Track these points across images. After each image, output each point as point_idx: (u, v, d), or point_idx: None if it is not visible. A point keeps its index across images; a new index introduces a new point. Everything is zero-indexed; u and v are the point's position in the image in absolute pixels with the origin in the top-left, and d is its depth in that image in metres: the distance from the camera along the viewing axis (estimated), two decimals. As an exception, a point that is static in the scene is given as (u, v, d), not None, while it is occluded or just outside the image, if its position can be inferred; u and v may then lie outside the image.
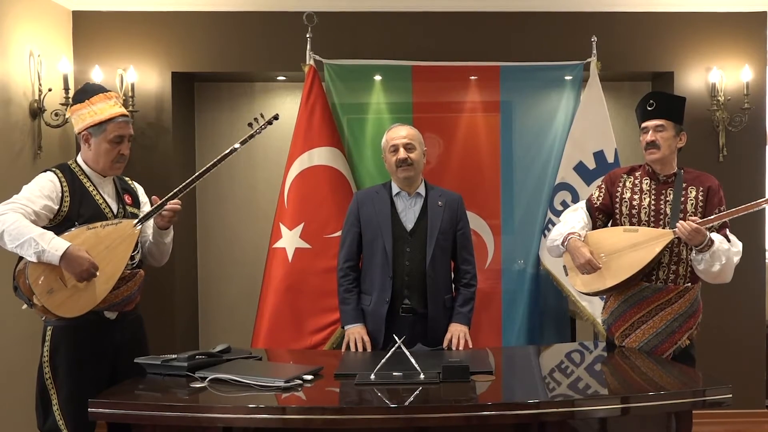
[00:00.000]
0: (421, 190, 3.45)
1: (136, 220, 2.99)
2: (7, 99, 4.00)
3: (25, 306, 2.79)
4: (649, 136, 3.21)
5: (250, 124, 3.24)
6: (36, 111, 4.22)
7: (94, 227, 2.84)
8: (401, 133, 3.40)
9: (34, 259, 2.68)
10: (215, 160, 3.12)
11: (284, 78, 5.16)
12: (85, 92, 2.98)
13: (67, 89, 4.29)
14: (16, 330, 3.96)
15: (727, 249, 3.06)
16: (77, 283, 2.76)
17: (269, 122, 3.27)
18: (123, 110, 3.03)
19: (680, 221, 3.04)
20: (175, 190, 3.05)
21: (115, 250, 2.87)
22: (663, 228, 3.16)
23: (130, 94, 4.62)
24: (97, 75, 4.54)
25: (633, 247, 3.11)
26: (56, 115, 4.28)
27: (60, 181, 2.87)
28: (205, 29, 4.78)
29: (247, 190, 5.30)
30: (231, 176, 5.22)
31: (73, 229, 2.82)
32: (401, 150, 3.35)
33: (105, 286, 2.85)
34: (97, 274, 2.78)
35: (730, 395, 2.55)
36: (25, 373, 3.93)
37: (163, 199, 3.02)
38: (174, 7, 4.74)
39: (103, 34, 4.71)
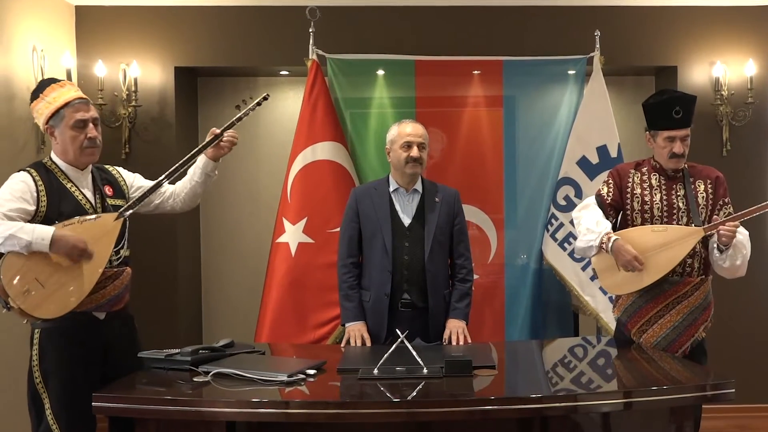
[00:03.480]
0: (418, 186, 3.47)
1: (121, 210, 2.90)
2: (11, 94, 4.00)
3: (4, 310, 2.69)
4: (677, 148, 3.17)
5: (237, 107, 3.17)
6: (39, 106, 4.21)
7: (70, 223, 2.74)
8: (418, 131, 3.42)
9: (24, 252, 2.63)
10: (203, 144, 3.08)
11: (287, 72, 5.16)
12: (38, 88, 2.89)
13: (70, 84, 4.29)
14: (7, 332, 3.92)
15: (742, 239, 3.09)
16: (57, 282, 2.68)
17: (258, 103, 3.18)
18: (79, 93, 2.91)
19: (723, 227, 3.03)
20: (166, 173, 3.06)
21: (95, 245, 2.76)
22: (677, 221, 3.18)
23: (133, 88, 4.62)
24: (100, 70, 4.55)
25: (665, 246, 3.10)
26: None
27: (34, 181, 2.76)
28: (208, 24, 4.77)
29: (251, 185, 5.31)
30: (234, 171, 5.22)
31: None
32: (415, 148, 3.37)
33: (87, 283, 2.75)
34: (91, 253, 2.71)
35: (733, 390, 2.55)
36: (17, 376, 3.91)
37: (151, 185, 3.04)
38: (177, 1, 4.73)
39: (106, 29, 4.71)
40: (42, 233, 2.64)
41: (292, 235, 4.27)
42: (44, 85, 2.90)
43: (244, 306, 5.07)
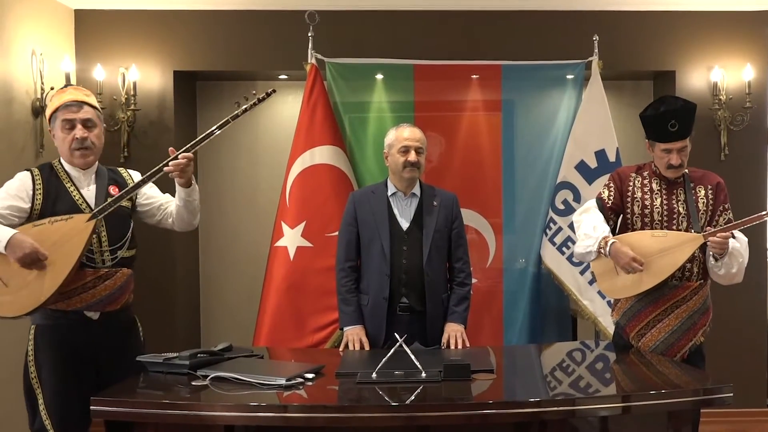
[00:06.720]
0: (416, 190, 3.47)
1: (94, 211, 2.85)
2: (10, 98, 4.00)
3: None
4: (674, 159, 3.16)
5: (237, 103, 3.04)
6: (38, 109, 4.22)
7: (40, 224, 2.79)
8: (416, 136, 3.42)
9: None
10: (208, 131, 2.97)
11: (286, 77, 5.16)
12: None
13: (69, 88, 4.30)
14: (6, 328, 3.93)
15: (738, 247, 3.09)
16: (22, 281, 2.72)
17: (261, 99, 3.06)
18: (75, 96, 2.91)
19: (713, 237, 3.02)
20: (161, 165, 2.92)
21: (64, 246, 2.77)
22: (677, 226, 3.18)
23: (132, 92, 4.62)
24: (99, 74, 4.55)
25: (664, 251, 3.09)
26: (58, 113, 4.28)
27: (32, 179, 2.86)
28: (207, 28, 4.78)
29: (249, 189, 5.31)
30: (233, 174, 5.23)
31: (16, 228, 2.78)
32: (413, 153, 3.38)
33: (52, 283, 2.76)
34: (46, 262, 2.73)
35: (731, 394, 2.55)
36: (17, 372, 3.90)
37: (144, 177, 2.93)
38: (176, 5, 4.74)
39: (105, 33, 4.72)
40: (2, 233, 2.69)
41: (291, 238, 4.28)
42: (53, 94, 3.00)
43: (243, 310, 5.06)
